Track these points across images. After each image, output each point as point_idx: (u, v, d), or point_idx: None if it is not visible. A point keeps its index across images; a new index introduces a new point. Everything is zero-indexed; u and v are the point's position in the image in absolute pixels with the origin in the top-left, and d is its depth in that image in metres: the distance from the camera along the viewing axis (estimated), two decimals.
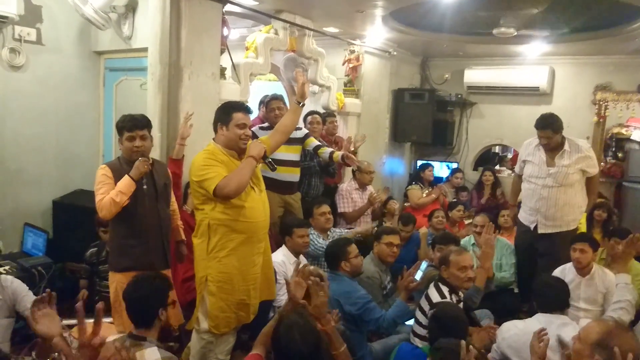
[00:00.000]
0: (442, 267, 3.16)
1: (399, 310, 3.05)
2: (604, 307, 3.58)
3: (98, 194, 2.83)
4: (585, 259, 3.57)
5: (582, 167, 4.03)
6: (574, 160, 4.01)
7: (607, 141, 6.45)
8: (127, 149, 2.90)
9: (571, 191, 4.05)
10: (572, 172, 4.02)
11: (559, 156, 4.04)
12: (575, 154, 4.02)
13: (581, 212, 4.22)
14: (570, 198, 4.05)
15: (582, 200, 4.16)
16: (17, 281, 2.81)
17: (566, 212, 4.07)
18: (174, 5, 3.62)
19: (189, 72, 3.75)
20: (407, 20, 5.25)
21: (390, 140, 6.85)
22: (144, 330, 2.27)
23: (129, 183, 2.81)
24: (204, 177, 2.70)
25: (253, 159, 2.74)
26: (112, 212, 2.79)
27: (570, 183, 4.03)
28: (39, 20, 4.07)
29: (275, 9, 4.67)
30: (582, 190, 4.14)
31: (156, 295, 2.31)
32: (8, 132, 4.00)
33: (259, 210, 2.86)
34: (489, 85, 6.81)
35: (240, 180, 2.67)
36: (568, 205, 4.06)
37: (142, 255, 2.91)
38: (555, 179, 4.03)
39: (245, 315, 2.90)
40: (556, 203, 4.05)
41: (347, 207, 5.00)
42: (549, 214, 4.08)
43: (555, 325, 2.61)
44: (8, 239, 4.04)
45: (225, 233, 2.77)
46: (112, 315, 2.98)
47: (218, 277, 2.78)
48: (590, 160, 4.06)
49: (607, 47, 5.76)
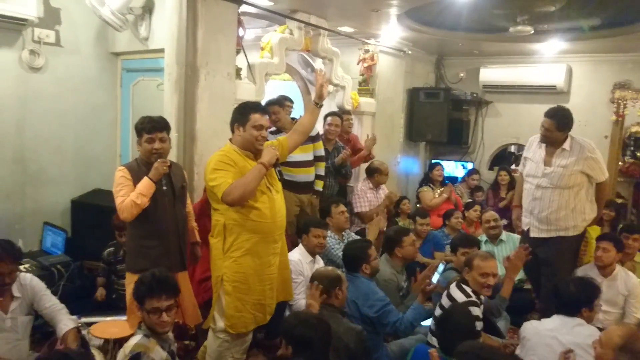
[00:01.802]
0: (466, 269, 3.14)
1: (417, 314, 3.06)
2: (624, 310, 3.54)
3: (118, 196, 2.84)
4: (608, 258, 3.51)
5: (583, 170, 3.59)
6: (572, 161, 3.59)
7: (625, 140, 6.35)
8: (146, 151, 2.90)
9: (569, 194, 3.62)
10: (570, 174, 3.59)
11: (557, 155, 3.66)
12: (576, 154, 3.60)
13: (584, 220, 3.68)
14: (568, 202, 3.62)
15: (588, 207, 3.69)
16: (35, 279, 2.86)
17: (563, 217, 3.63)
18: (190, 6, 3.64)
19: (205, 72, 3.77)
20: (422, 19, 5.22)
21: (405, 140, 6.83)
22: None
23: (149, 184, 2.82)
24: (214, 183, 2.71)
25: (263, 166, 2.72)
26: (133, 214, 2.81)
27: (567, 185, 3.61)
28: (57, 23, 4.13)
29: (290, 9, 4.68)
30: (587, 196, 3.68)
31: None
32: (28, 132, 4.06)
33: (274, 211, 2.85)
34: (504, 84, 6.74)
35: (246, 188, 2.66)
36: (565, 210, 3.62)
37: (160, 256, 2.92)
38: (550, 179, 3.64)
39: (262, 315, 2.91)
40: (549, 206, 3.65)
41: (363, 206, 5.00)
42: (542, 217, 3.69)
43: (569, 326, 2.60)
44: (28, 237, 4.10)
45: (240, 233, 2.78)
46: (128, 315, 3.00)
47: (234, 277, 2.79)
48: (593, 163, 3.60)
49: (625, 44, 5.67)
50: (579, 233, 3.69)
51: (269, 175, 2.87)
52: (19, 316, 2.75)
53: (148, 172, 2.85)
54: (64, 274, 3.71)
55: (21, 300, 2.75)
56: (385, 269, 3.59)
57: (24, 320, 2.79)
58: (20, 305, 2.75)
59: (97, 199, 4.28)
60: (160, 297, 2.28)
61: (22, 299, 2.76)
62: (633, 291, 3.50)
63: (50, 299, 2.85)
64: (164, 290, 2.30)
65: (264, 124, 2.83)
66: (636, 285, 3.53)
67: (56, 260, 3.81)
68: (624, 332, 1.97)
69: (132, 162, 3.03)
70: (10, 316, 2.71)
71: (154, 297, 2.27)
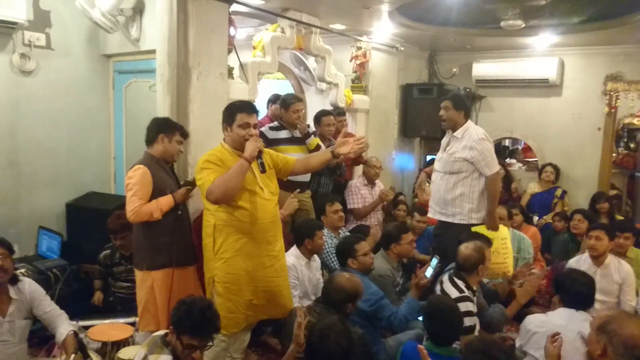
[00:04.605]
0: (480, 266, 3.10)
1: (410, 308, 3.07)
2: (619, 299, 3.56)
3: (135, 197, 2.86)
4: (602, 247, 3.55)
5: (466, 158, 3.64)
6: (459, 148, 3.68)
7: (618, 132, 6.40)
8: (174, 151, 3.10)
9: (455, 180, 3.71)
10: (454, 161, 3.69)
11: (450, 142, 3.79)
12: (464, 142, 3.67)
13: (473, 211, 3.71)
14: (455, 188, 3.71)
15: (475, 196, 3.71)
16: (34, 284, 2.86)
17: (450, 202, 3.75)
18: (180, 7, 3.63)
19: (197, 72, 3.76)
20: (414, 15, 5.22)
21: (399, 136, 6.84)
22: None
23: (170, 203, 2.94)
24: (200, 182, 2.73)
25: (245, 160, 2.68)
26: (142, 221, 2.88)
27: (452, 171, 3.72)
28: (48, 25, 4.11)
29: (281, 8, 4.67)
30: (477, 186, 3.70)
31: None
32: (21, 136, 4.04)
33: (265, 212, 2.83)
34: (497, 78, 6.76)
35: (227, 185, 2.63)
36: (452, 195, 3.72)
37: (179, 251, 2.98)
38: (442, 165, 3.81)
39: (254, 314, 2.90)
40: (438, 189, 3.82)
41: (356, 203, 5.00)
42: (435, 199, 3.88)
43: (578, 320, 2.59)
44: (23, 242, 4.09)
45: (229, 234, 2.77)
46: (142, 314, 3.03)
47: (225, 278, 2.78)
48: (477, 154, 3.62)
49: (616, 36, 5.69)
50: (466, 223, 3.70)
51: (264, 176, 2.86)
52: (16, 320, 2.74)
53: (165, 170, 3.03)
54: (61, 277, 3.70)
55: (19, 303, 2.75)
56: (381, 264, 3.59)
57: (22, 325, 2.78)
58: (18, 309, 2.75)
59: (92, 202, 4.28)
60: (201, 338, 2.28)
61: (20, 303, 2.75)
62: (627, 279, 3.54)
63: (50, 304, 2.85)
64: (206, 332, 2.29)
65: (250, 122, 2.80)
66: (629, 273, 3.56)
67: (52, 264, 3.80)
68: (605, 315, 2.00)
69: (150, 161, 3.03)
70: (7, 320, 2.71)
71: (195, 337, 2.26)
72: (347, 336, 2.26)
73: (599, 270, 3.54)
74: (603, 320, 1.99)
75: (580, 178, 6.44)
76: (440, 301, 2.73)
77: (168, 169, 3.14)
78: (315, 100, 5.85)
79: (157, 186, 2.94)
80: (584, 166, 6.41)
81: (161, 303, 2.96)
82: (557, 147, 6.59)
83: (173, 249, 2.96)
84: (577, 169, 6.48)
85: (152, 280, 2.97)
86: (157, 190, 2.94)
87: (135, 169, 2.94)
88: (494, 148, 3.87)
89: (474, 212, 3.72)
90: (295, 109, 4.25)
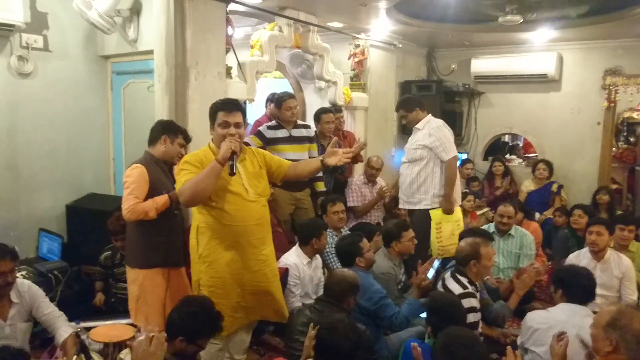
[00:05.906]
0: (472, 262, 3.09)
1: (412, 309, 3.09)
2: (620, 293, 3.56)
3: (131, 196, 2.84)
4: (602, 242, 3.54)
5: (426, 144, 4.01)
6: (420, 137, 4.07)
7: (618, 126, 6.40)
8: (175, 152, 3.10)
9: (417, 168, 4.05)
10: (415, 148, 4.06)
11: (413, 134, 4.20)
12: (424, 131, 4.07)
13: (434, 195, 4.02)
14: (419, 175, 4.05)
15: (437, 182, 4.03)
16: (34, 287, 2.86)
17: (414, 190, 4.08)
18: (178, 7, 3.62)
19: (195, 72, 3.76)
20: (411, 12, 5.22)
21: (399, 133, 6.82)
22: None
23: (166, 203, 2.91)
24: (177, 183, 2.69)
25: (217, 162, 2.53)
26: (138, 219, 2.86)
27: (414, 159, 4.07)
28: (45, 27, 4.10)
29: (278, 6, 4.67)
30: (439, 172, 4.03)
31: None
32: (20, 138, 4.04)
33: (249, 214, 2.72)
34: (496, 74, 6.76)
35: (196, 188, 2.51)
36: (417, 182, 4.06)
37: (171, 252, 2.98)
38: (406, 155, 4.18)
39: (244, 316, 2.86)
40: (404, 180, 4.16)
41: (356, 201, 5.00)
42: (403, 189, 4.20)
43: (579, 315, 2.58)
44: (24, 244, 4.07)
45: (211, 237, 2.71)
46: (135, 312, 3.01)
47: (210, 282, 2.73)
48: (434, 140, 3.99)
49: (615, 30, 5.68)
50: (430, 208, 4.03)
51: (252, 176, 2.78)
52: (17, 323, 2.74)
53: (163, 171, 3.02)
54: (62, 279, 3.69)
55: (19, 306, 2.75)
56: (382, 262, 3.59)
57: (23, 327, 2.78)
58: (19, 312, 2.75)
59: (92, 203, 4.27)
60: (207, 338, 2.42)
61: (20, 306, 2.75)
62: (627, 273, 3.54)
63: (49, 305, 2.85)
64: (213, 331, 2.44)
65: (231, 120, 2.67)
66: (629, 267, 3.56)
67: (53, 266, 3.79)
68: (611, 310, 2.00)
69: (149, 161, 3.03)
70: (9, 323, 2.70)
71: (202, 338, 2.40)
72: (356, 330, 2.29)
73: (598, 265, 3.54)
74: (611, 316, 1.98)
75: (580, 173, 6.44)
76: (443, 296, 2.73)
77: (167, 170, 3.13)
78: (314, 98, 5.85)
79: (153, 186, 2.92)
80: (583, 161, 6.41)
81: (153, 303, 2.94)
82: (557, 142, 6.59)
83: (167, 249, 2.95)
84: (576, 163, 6.48)
85: (142, 279, 2.96)
86: (154, 190, 2.92)
87: (133, 167, 2.94)
88: (494, 144, 3.96)
89: (436, 196, 4.04)
90: (288, 106, 4.25)
